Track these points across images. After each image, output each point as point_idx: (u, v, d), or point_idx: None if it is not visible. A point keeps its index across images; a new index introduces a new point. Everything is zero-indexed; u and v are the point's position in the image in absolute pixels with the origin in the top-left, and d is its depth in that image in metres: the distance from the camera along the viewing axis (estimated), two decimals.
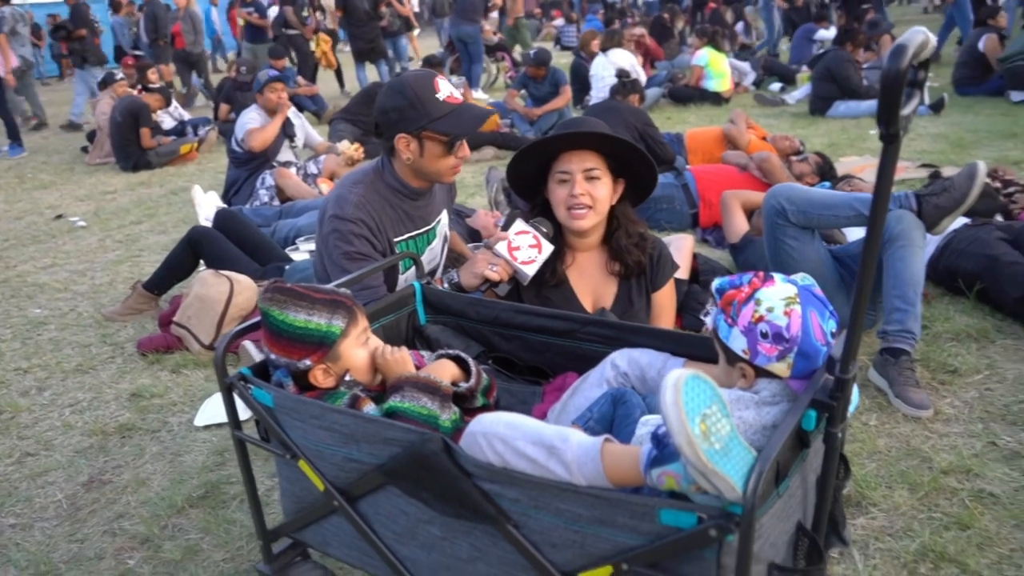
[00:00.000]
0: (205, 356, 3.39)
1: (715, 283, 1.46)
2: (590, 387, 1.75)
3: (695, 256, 3.62)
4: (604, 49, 8.56)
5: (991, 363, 2.89)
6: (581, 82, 8.93)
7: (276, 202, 5.52)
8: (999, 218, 3.82)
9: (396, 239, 2.35)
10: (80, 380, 3.36)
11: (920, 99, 1.12)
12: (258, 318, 1.70)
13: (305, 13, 11.16)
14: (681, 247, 3.44)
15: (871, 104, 7.79)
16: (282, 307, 1.65)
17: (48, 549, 2.28)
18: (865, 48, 9.33)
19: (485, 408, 1.81)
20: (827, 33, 10.76)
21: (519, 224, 2.22)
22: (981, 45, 8.11)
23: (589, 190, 2.19)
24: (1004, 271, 3.18)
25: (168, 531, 2.31)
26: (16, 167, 8.63)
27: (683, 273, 3.37)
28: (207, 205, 5.04)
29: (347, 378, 1.68)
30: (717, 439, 1.08)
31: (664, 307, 2.41)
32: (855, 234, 3.68)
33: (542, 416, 1.82)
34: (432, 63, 7.87)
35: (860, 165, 5.64)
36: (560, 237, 2.30)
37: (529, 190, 2.34)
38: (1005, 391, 2.70)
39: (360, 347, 1.70)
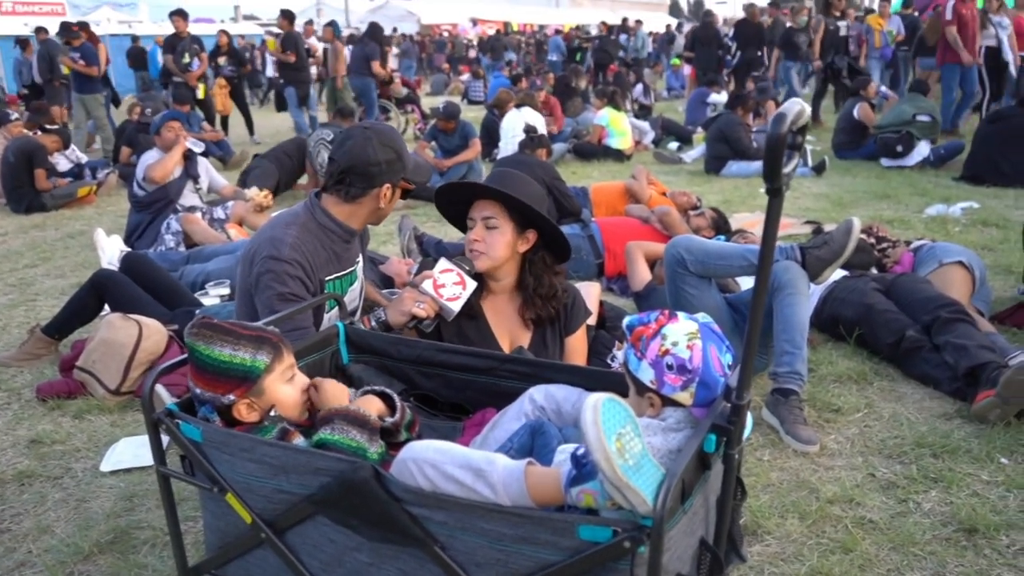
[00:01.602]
0: (110, 401, 3.31)
1: (625, 320, 1.60)
2: (509, 420, 1.85)
3: (601, 303, 3.80)
4: (518, 105, 8.88)
5: (869, 402, 3.15)
6: (491, 136, 9.19)
7: (182, 247, 5.44)
8: (874, 271, 4.18)
9: (326, 278, 2.41)
10: None
11: (801, 160, 1.31)
12: (174, 359, 1.74)
13: (186, 60, 10.90)
14: (588, 294, 3.59)
15: (759, 165, 8.34)
16: (208, 342, 1.70)
17: None
18: (754, 113, 9.99)
19: (408, 442, 1.88)
20: (719, 97, 11.46)
21: (443, 263, 2.33)
22: (856, 113, 8.83)
23: (484, 236, 2.35)
24: (878, 318, 3.48)
25: None
26: None
27: (591, 319, 3.53)
28: (110, 248, 4.93)
29: (272, 413, 1.72)
30: (631, 455, 1.20)
31: (576, 350, 2.55)
32: (747, 283, 3.95)
33: None
34: (344, 113, 7.96)
35: (751, 220, 6.03)
36: (480, 275, 2.43)
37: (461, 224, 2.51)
38: (882, 428, 2.96)
39: (285, 383, 1.75)
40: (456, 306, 2.31)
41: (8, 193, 7.53)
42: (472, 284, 2.34)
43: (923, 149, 8.15)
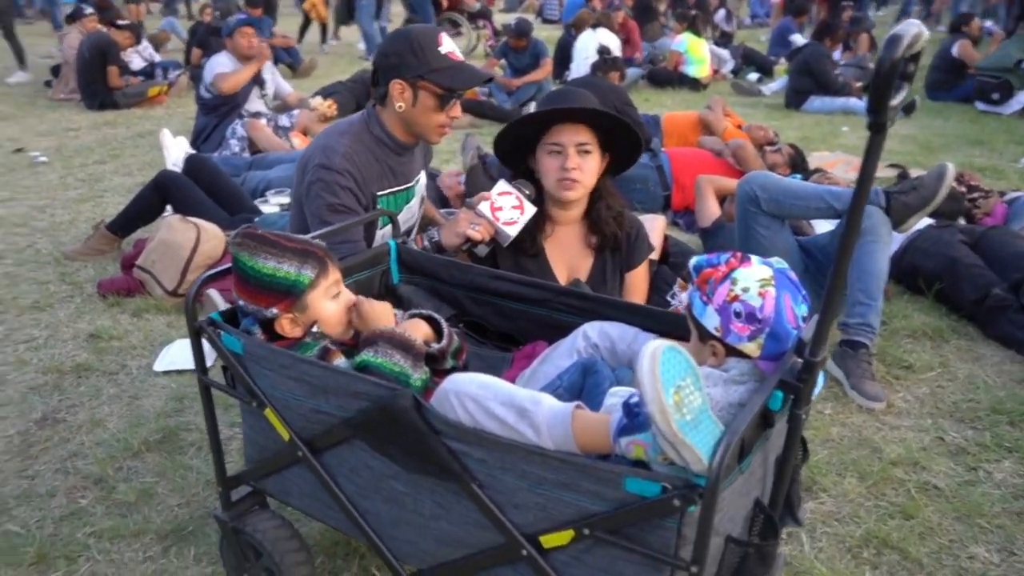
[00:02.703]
0: (167, 302, 3.34)
1: (693, 260, 1.47)
2: (560, 356, 1.77)
3: (666, 238, 3.64)
4: (594, 25, 8.53)
5: (944, 361, 2.97)
6: (564, 56, 8.88)
7: (246, 153, 5.42)
8: (962, 221, 3.91)
9: (379, 193, 2.32)
10: (36, 317, 3.29)
11: (909, 89, 1.15)
12: (226, 265, 1.68)
13: None
14: (652, 228, 3.44)
15: (844, 101, 7.88)
16: (252, 253, 1.64)
17: None
18: (844, 46, 9.41)
19: (454, 370, 1.81)
20: (800, 39, 10.81)
21: (502, 185, 2.21)
22: (955, 51, 8.23)
23: (580, 164, 2.20)
24: (963, 273, 3.26)
25: (123, 473, 2.28)
26: None
27: (654, 254, 3.39)
28: (176, 150, 4.93)
29: (314, 329, 1.67)
30: (689, 410, 1.10)
31: (638, 286, 2.44)
32: (822, 227, 3.74)
33: (511, 382, 1.83)
34: (415, 24, 7.74)
35: (831, 161, 5.72)
36: (541, 208, 2.30)
37: (512, 158, 2.34)
38: (955, 389, 2.79)
39: (329, 299, 1.68)
40: (513, 231, 2.20)
41: (83, 89, 7.62)
42: (531, 209, 2.22)
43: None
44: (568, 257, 2.39)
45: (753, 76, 10.00)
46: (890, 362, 2.95)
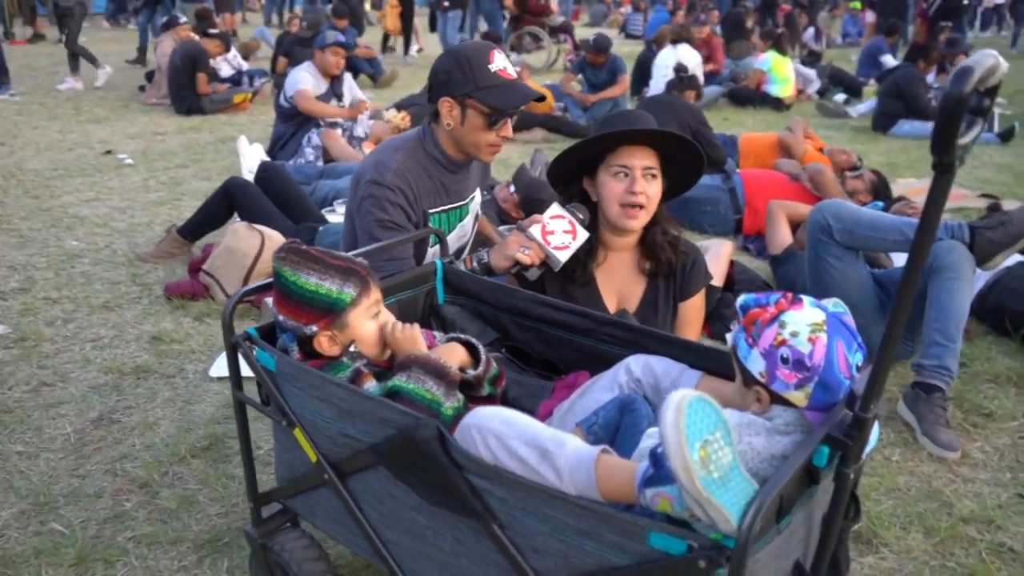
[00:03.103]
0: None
1: (740, 299, 1.38)
2: (601, 390, 1.69)
3: (732, 263, 3.52)
4: (675, 41, 8.40)
5: None
6: (644, 72, 8.77)
7: (320, 162, 5.51)
8: None
9: (431, 211, 2.30)
10: (105, 316, 3.39)
11: (984, 127, 1.04)
12: (268, 280, 1.68)
13: None
14: (719, 252, 3.35)
15: None
16: (295, 268, 1.62)
17: (50, 481, 2.29)
18: (939, 68, 9.01)
19: (491, 398, 1.76)
20: (891, 59, 10.39)
21: (555, 208, 2.15)
22: None
23: (646, 189, 2.13)
24: None
25: (168, 478, 2.31)
26: (75, 99, 8.76)
27: (717, 280, 3.28)
28: (251, 156, 5.05)
29: (352, 349, 1.64)
30: (716, 467, 1.02)
31: (691, 318, 2.33)
32: (902, 260, 3.54)
33: (548, 413, 1.77)
34: (491, 37, 7.77)
35: (917, 188, 5.45)
36: (594, 234, 2.23)
37: (565, 181, 2.28)
38: None
39: (369, 319, 1.66)
40: (564, 256, 2.13)
41: (173, 94, 7.92)
42: (584, 235, 2.15)
43: None
44: (619, 284, 2.30)
45: (840, 97, 9.67)
46: (968, 408, 2.76)
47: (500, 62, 2.16)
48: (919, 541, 2.11)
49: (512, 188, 4.17)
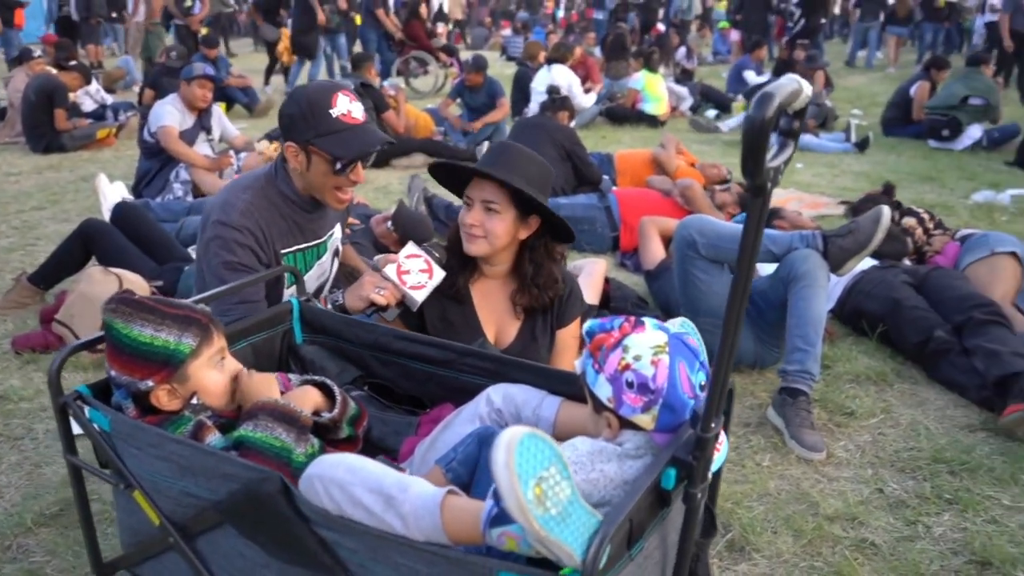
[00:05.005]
0: (85, 359, 3.18)
1: (586, 325, 1.38)
2: (462, 422, 1.66)
3: (607, 281, 3.57)
4: (550, 61, 8.53)
5: (887, 407, 2.90)
6: (523, 91, 8.88)
7: (190, 198, 5.29)
8: (907, 262, 3.88)
9: (284, 251, 2.22)
10: None
11: (796, 147, 1.07)
12: (99, 334, 1.57)
13: (188, 3, 10.62)
14: (592, 272, 3.39)
15: (802, 138, 7.92)
16: (127, 320, 1.53)
17: None
18: None
19: (351, 439, 1.70)
20: (754, 77, 10.93)
21: (410, 247, 2.12)
22: (913, 91, 8.33)
23: (483, 221, 2.10)
24: (906, 315, 3.21)
25: (11, 552, 2.12)
26: None
27: (593, 298, 3.31)
28: (113, 195, 4.78)
29: (194, 401, 1.55)
30: (554, 504, 1.00)
31: (567, 345, 2.33)
32: (767, 269, 3.69)
33: (411, 450, 1.72)
34: (360, 59, 7.69)
35: (784, 198, 5.71)
36: (471, 259, 2.21)
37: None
38: (897, 436, 2.71)
39: (212, 369, 1.57)
40: (420, 296, 2.09)
41: (27, 131, 7.45)
42: (440, 273, 2.12)
43: (974, 132, 7.68)
44: (496, 315, 2.28)
45: (711, 113, 10.07)
46: (832, 409, 2.88)
47: (343, 106, 2.09)
48: (789, 544, 2.17)
49: (390, 225, 4.11)
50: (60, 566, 2.06)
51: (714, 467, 1.27)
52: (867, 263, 3.52)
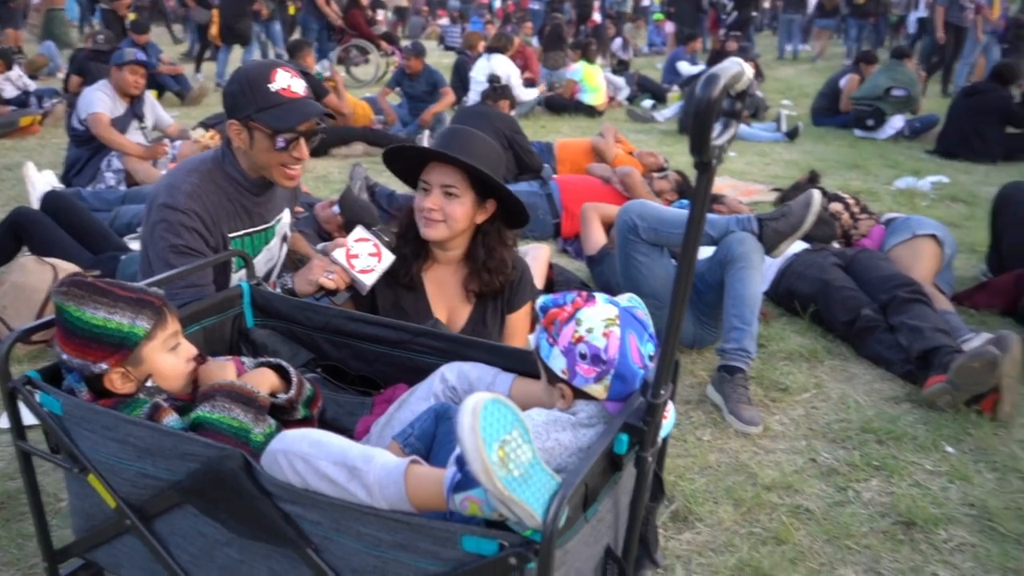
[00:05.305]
0: (19, 350, 3.10)
1: (540, 301, 1.43)
2: (417, 400, 1.70)
3: (551, 266, 3.64)
4: (489, 50, 8.56)
5: (818, 382, 3.04)
6: (463, 80, 8.88)
7: (123, 187, 5.15)
8: (836, 245, 4.05)
9: (231, 235, 2.20)
10: None
11: (738, 127, 1.13)
12: (49, 317, 1.55)
13: None
14: (537, 257, 3.44)
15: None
16: (79, 303, 1.51)
17: None
18: None
19: (307, 420, 1.72)
20: (687, 68, 11.17)
21: (359, 231, 2.13)
22: (843, 83, 8.63)
23: (443, 205, 2.11)
24: (835, 295, 3.36)
25: None
26: None
27: (538, 283, 3.37)
28: (41, 184, 4.63)
29: (148, 384, 1.55)
30: (516, 466, 1.05)
31: (517, 329, 2.36)
32: (707, 253, 3.80)
33: (366, 429, 1.75)
34: (297, 46, 7.57)
35: (719, 185, 5.87)
36: (424, 242, 2.22)
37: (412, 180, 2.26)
38: (828, 410, 2.85)
39: (166, 352, 1.57)
40: (369, 279, 2.11)
41: None
42: (389, 257, 2.14)
43: (896, 122, 8.01)
44: (448, 299, 2.30)
45: (647, 103, 10.24)
46: (767, 385, 3.00)
47: (282, 80, 2.07)
48: (729, 512, 2.27)
49: (337, 210, 4.09)
50: (4, 559, 2.02)
51: (663, 433, 1.34)
52: (798, 246, 3.66)
